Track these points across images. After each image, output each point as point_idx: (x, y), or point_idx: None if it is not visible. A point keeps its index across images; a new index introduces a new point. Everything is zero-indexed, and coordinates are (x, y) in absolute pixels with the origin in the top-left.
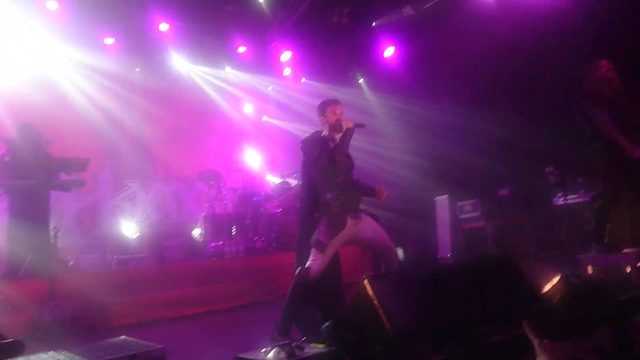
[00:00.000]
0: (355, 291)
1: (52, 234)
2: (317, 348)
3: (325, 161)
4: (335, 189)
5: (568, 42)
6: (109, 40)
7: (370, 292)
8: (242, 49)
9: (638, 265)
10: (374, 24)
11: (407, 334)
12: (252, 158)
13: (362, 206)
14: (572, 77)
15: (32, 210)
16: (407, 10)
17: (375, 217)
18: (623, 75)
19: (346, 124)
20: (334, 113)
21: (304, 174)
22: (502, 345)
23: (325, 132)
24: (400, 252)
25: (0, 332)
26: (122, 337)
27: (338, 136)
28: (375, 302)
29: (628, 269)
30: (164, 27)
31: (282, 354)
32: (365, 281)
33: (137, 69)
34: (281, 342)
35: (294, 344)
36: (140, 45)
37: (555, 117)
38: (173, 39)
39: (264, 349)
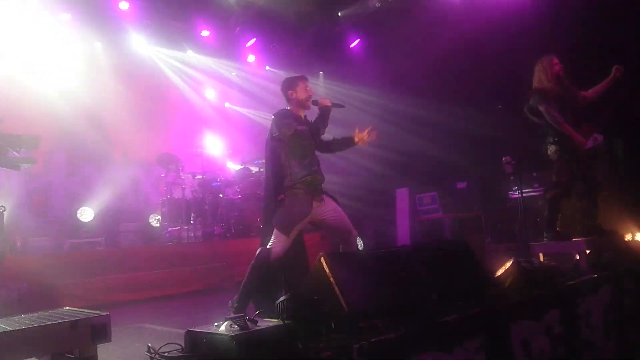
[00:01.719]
0: (312, 267)
1: None
2: (271, 322)
3: (300, 138)
4: (302, 170)
5: (527, 35)
6: (64, 17)
7: (327, 269)
8: (205, 33)
9: (587, 253)
10: (339, 13)
11: (362, 311)
12: (213, 144)
13: (324, 188)
14: (528, 70)
15: None
16: (373, 2)
17: (335, 200)
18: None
19: (324, 102)
20: (306, 89)
21: (271, 152)
22: (454, 325)
23: (290, 109)
24: (359, 242)
25: None
26: (66, 307)
27: (303, 113)
28: (331, 278)
29: (577, 257)
30: (124, 5)
31: (235, 327)
32: (322, 258)
33: (96, 45)
34: (234, 316)
35: (247, 318)
36: (99, 24)
37: (513, 110)
38: (133, 18)
39: (216, 323)
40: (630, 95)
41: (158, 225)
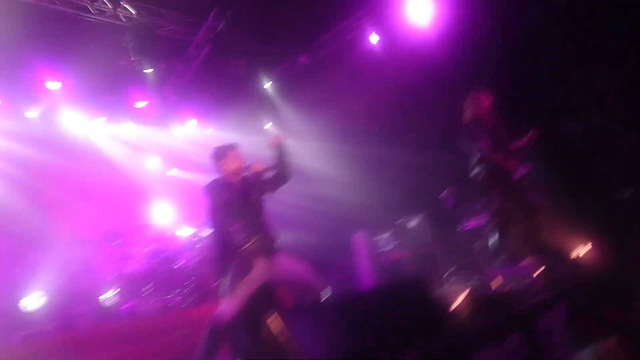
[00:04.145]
0: (263, 328)
1: None
2: None
3: (235, 203)
4: (245, 233)
5: (449, 74)
6: None
7: (275, 330)
8: (140, 104)
9: (540, 270)
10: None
11: None
12: (160, 212)
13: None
14: (455, 105)
15: None
16: (304, 59)
17: (293, 256)
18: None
19: (255, 167)
20: (236, 158)
21: (212, 221)
22: None
23: (223, 177)
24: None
25: None
26: None
27: (236, 180)
28: (280, 339)
29: (532, 276)
30: (54, 85)
31: None
32: (271, 318)
33: (29, 125)
34: None
35: None
36: (30, 104)
37: (449, 145)
38: (65, 96)
39: None
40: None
41: (113, 302)
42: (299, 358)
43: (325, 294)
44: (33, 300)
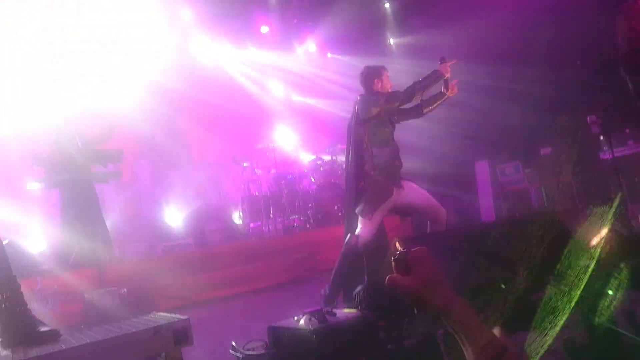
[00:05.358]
0: (387, 254)
1: (104, 223)
2: (350, 313)
3: (388, 120)
4: (382, 156)
5: None
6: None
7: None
8: (264, 29)
9: None
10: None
11: None
12: (284, 137)
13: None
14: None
15: (81, 202)
16: None
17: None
18: None
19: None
20: (389, 79)
21: (355, 137)
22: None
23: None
24: None
25: (42, 320)
26: (152, 313)
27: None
28: None
29: None
30: (185, 13)
31: (313, 320)
32: (397, 243)
33: (163, 54)
34: (312, 310)
35: (325, 310)
36: (164, 34)
37: (594, 65)
38: (195, 24)
39: (296, 317)
40: None
41: (240, 222)
42: None
43: (448, 223)
44: (172, 216)
